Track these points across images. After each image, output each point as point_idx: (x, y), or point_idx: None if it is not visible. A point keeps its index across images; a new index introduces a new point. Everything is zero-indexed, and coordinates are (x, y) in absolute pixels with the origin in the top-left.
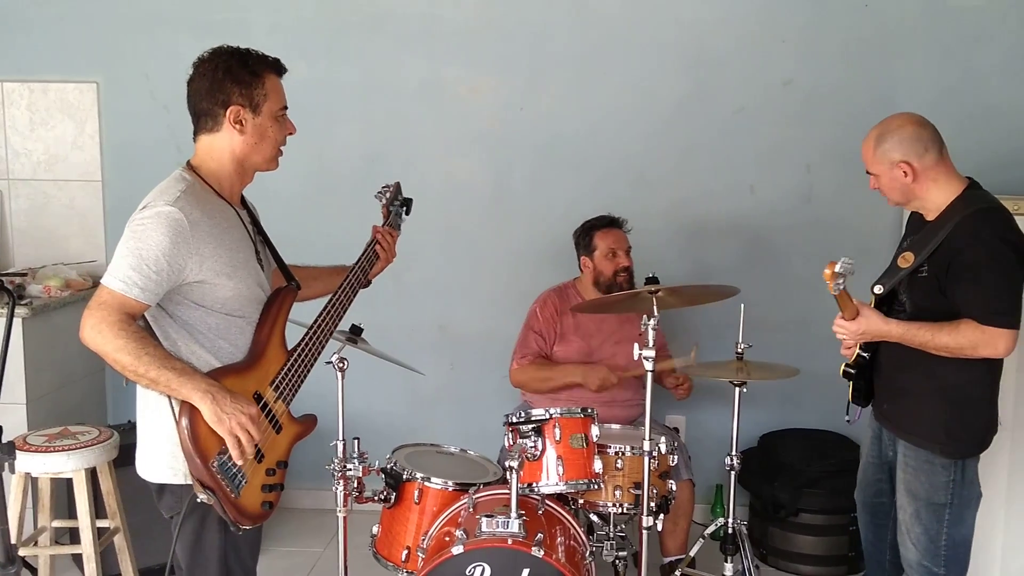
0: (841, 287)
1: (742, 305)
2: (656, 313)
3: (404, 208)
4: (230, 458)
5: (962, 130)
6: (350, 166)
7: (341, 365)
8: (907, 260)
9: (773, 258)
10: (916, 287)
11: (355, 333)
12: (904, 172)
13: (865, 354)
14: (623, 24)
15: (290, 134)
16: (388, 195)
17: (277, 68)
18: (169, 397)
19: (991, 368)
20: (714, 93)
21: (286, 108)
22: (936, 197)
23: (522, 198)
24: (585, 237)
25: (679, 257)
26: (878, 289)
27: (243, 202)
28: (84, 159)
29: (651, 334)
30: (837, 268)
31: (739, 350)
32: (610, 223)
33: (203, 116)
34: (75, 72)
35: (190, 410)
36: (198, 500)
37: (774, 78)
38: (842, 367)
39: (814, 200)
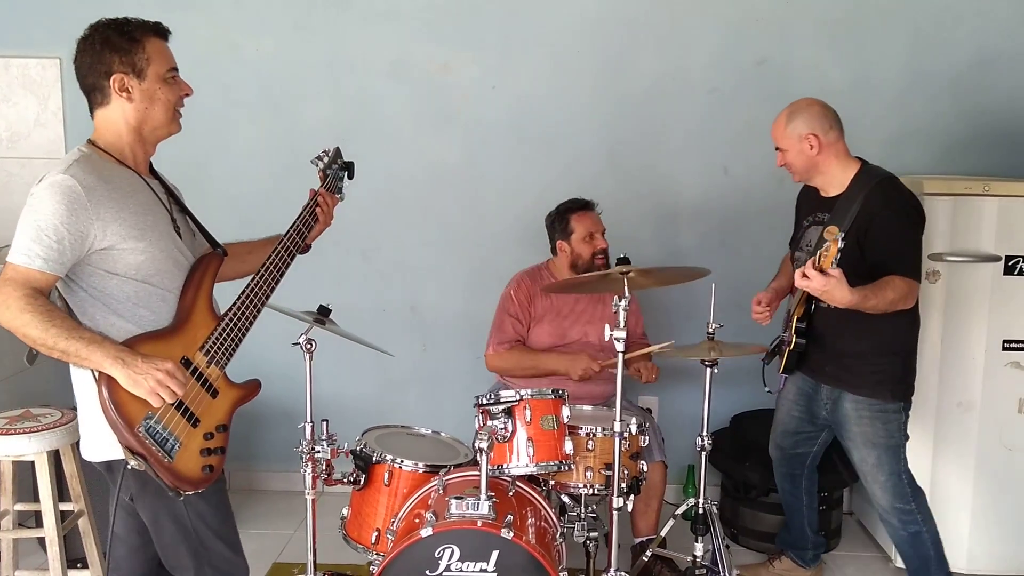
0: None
1: (713, 285)
2: (628, 294)
3: (345, 172)
4: (157, 421)
5: (935, 113)
6: (319, 145)
7: (309, 347)
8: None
9: (746, 239)
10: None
11: (323, 314)
12: (810, 145)
13: (802, 324)
14: (596, 2)
15: (186, 95)
16: (326, 159)
17: (158, 31)
18: (92, 371)
19: (913, 321)
20: (687, 73)
21: (175, 69)
22: (839, 173)
23: (494, 177)
24: (561, 221)
25: (651, 237)
26: None
27: (153, 173)
28: (47, 137)
29: (622, 314)
30: (839, 236)
31: (710, 330)
32: (584, 206)
33: (92, 92)
34: (37, 47)
35: (107, 379)
36: (129, 467)
37: (748, 58)
38: (793, 340)
39: (787, 181)
